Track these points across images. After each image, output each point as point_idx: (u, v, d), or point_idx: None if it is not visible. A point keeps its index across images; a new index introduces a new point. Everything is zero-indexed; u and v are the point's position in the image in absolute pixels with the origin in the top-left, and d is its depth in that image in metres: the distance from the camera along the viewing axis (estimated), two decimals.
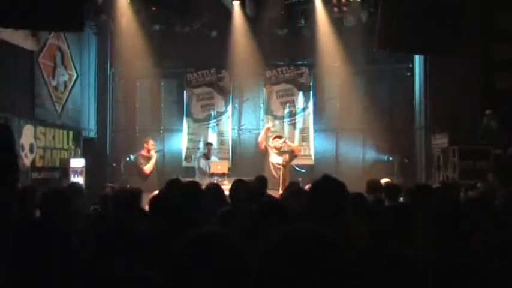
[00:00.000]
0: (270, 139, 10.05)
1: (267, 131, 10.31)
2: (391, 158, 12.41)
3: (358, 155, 12.90)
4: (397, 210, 3.60)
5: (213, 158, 11.57)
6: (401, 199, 5.95)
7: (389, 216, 3.42)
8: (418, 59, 12.19)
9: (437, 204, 2.79)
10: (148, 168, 10.32)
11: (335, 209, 2.76)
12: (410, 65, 12.56)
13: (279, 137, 10.26)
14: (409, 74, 12.68)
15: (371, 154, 12.88)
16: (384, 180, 7.24)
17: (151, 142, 10.69)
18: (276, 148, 9.78)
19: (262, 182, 6.46)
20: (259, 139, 10.12)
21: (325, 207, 2.67)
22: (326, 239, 1.44)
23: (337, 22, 11.89)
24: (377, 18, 9.16)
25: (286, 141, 10.25)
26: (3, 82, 9.48)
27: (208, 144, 11.92)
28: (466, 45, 9.19)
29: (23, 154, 9.60)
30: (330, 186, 2.85)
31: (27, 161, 9.75)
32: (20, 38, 9.70)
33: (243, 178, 5.94)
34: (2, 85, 9.42)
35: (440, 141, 10.88)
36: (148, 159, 10.45)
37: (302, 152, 12.83)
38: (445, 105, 10.86)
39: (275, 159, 9.66)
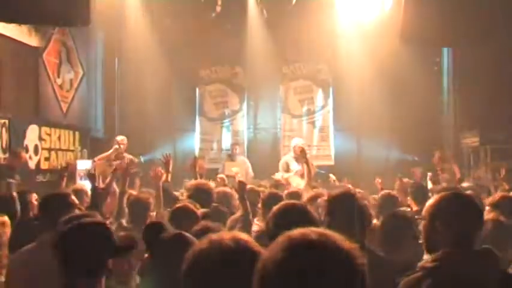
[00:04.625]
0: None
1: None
2: (416, 158, 12.27)
3: (381, 155, 12.77)
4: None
5: (240, 158, 11.38)
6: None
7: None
8: (445, 52, 12.06)
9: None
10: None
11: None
12: (438, 59, 12.42)
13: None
14: (436, 68, 12.53)
15: (395, 154, 12.76)
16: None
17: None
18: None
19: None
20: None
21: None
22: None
23: (358, 13, 11.78)
24: (401, 9, 9.05)
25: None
26: (6, 80, 9.51)
27: (232, 145, 11.84)
28: (496, 36, 9.05)
29: (27, 156, 9.63)
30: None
31: (31, 163, 9.78)
32: (23, 34, 9.75)
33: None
34: (5, 83, 9.46)
35: (471, 139, 10.77)
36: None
37: (321, 152, 12.81)
38: (475, 101, 10.73)
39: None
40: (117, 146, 10.05)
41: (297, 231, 1.43)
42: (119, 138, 10.35)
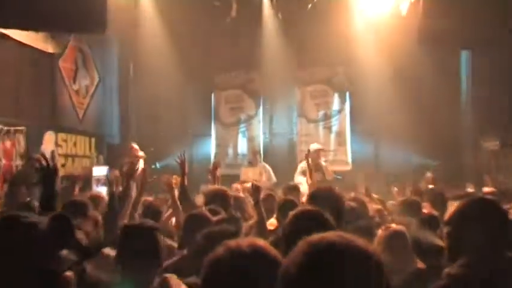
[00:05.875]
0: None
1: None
2: (436, 163, 12.21)
3: (400, 160, 12.71)
4: None
5: (259, 164, 11.37)
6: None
7: None
8: (464, 53, 11.98)
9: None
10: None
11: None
12: (457, 61, 12.35)
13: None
14: (455, 70, 12.46)
15: (414, 158, 12.70)
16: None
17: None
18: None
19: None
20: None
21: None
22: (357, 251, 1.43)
23: (374, 15, 11.76)
24: (418, 10, 9.05)
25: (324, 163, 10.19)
26: (23, 87, 9.67)
27: (253, 153, 11.82)
28: None
29: (43, 162, 9.77)
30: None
31: None
32: (40, 41, 9.89)
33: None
34: (22, 90, 9.62)
35: (491, 143, 10.69)
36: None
37: (338, 157, 12.78)
38: (495, 103, 10.66)
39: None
40: (142, 153, 10.08)
41: (317, 236, 1.46)
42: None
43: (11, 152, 8.90)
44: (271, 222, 5.09)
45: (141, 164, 10.02)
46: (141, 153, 10.28)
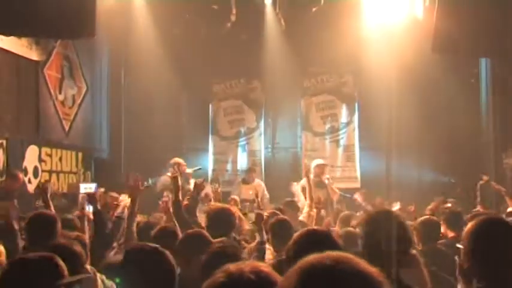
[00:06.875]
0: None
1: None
2: (453, 180, 12.17)
3: (412, 177, 12.71)
4: None
5: (255, 181, 11.41)
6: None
7: None
8: (484, 62, 11.98)
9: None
10: None
11: None
12: (475, 70, 12.34)
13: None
14: (473, 80, 12.46)
15: (429, 175, 12.66)
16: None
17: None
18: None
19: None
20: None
21: None
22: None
23: (386, 20, 11.75)
24: (433, 16, 9.02)
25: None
26: (4, 96, 9.62)
27: (250, 171, 11.80)
28: None
29: (26, 179, 9.71)
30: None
31: (30, 187, 9.86)
32: (23, 47, 9.87)
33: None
34: (2, 100, 9.57)
35: None
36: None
37: (347, 174, 12.74)
38: None
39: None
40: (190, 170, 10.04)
41: (317, 256, 1.45)
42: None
43: None
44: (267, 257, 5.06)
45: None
46: (188, 170, 10.18)
